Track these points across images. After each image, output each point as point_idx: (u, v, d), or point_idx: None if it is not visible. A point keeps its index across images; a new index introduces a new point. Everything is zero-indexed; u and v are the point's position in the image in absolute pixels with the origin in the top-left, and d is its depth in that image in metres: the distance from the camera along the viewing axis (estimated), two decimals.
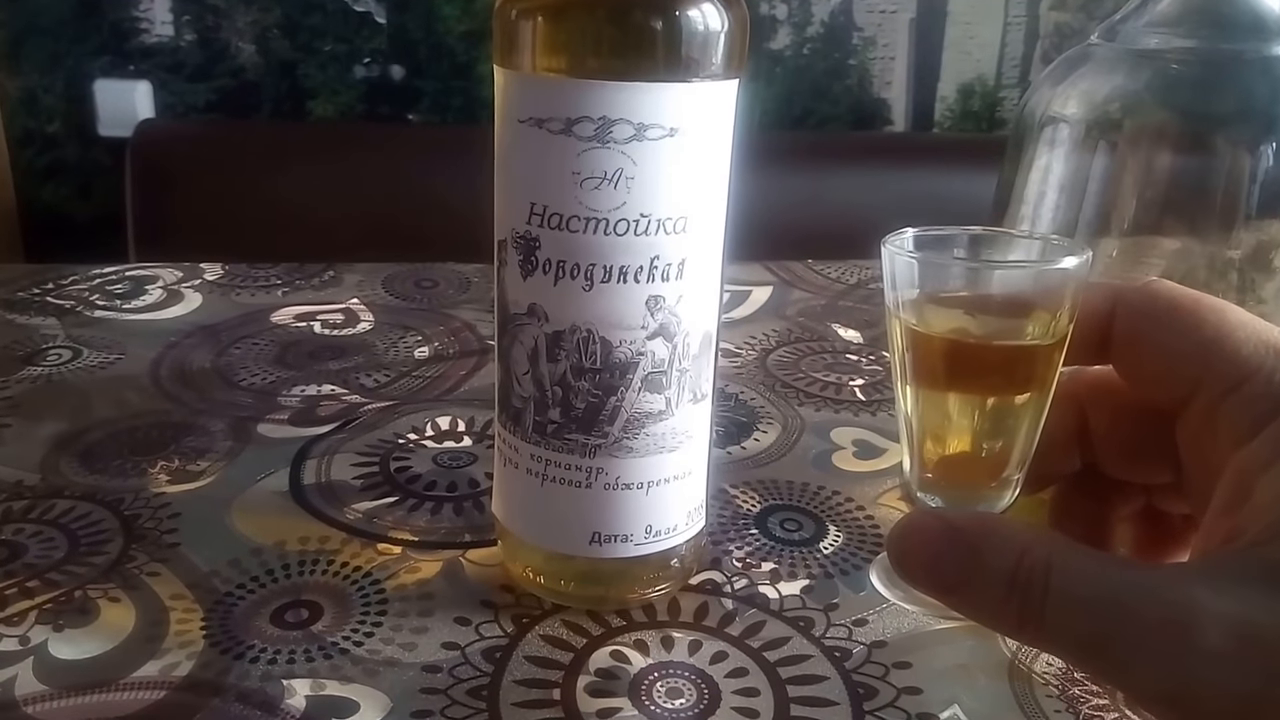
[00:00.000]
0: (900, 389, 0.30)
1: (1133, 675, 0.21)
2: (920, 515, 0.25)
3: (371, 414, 0.48)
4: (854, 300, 0.67)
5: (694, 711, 0.31)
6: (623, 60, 0.29)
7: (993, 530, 0.23)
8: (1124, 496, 0.30)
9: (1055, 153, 0.39)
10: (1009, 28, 1.66)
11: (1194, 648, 0.20)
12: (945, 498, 0.30)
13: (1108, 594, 0.21)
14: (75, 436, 0.45)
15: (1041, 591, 0.22)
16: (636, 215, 0.30)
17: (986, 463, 0.29)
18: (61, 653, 0.32)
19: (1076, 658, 0.23)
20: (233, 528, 0.39)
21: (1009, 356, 0.28)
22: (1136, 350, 0.27)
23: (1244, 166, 0.36)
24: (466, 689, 0.31)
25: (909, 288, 0.28)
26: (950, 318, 0.28)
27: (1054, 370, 0.28)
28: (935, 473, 0.30)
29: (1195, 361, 0.25)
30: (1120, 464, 0.29)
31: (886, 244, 0.28)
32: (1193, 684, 0.20)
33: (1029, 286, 0.28)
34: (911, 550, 0.24)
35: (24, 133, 1.52)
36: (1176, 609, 0.21)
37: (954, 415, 0.29)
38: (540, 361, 0.32)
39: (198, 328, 0.58)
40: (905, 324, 0.28)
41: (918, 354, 0.29)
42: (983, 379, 0.29)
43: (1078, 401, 0.29)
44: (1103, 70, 0.38)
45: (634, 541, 0.33)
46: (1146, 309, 0.26)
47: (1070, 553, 0.22)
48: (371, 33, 1.52)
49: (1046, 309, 0.27)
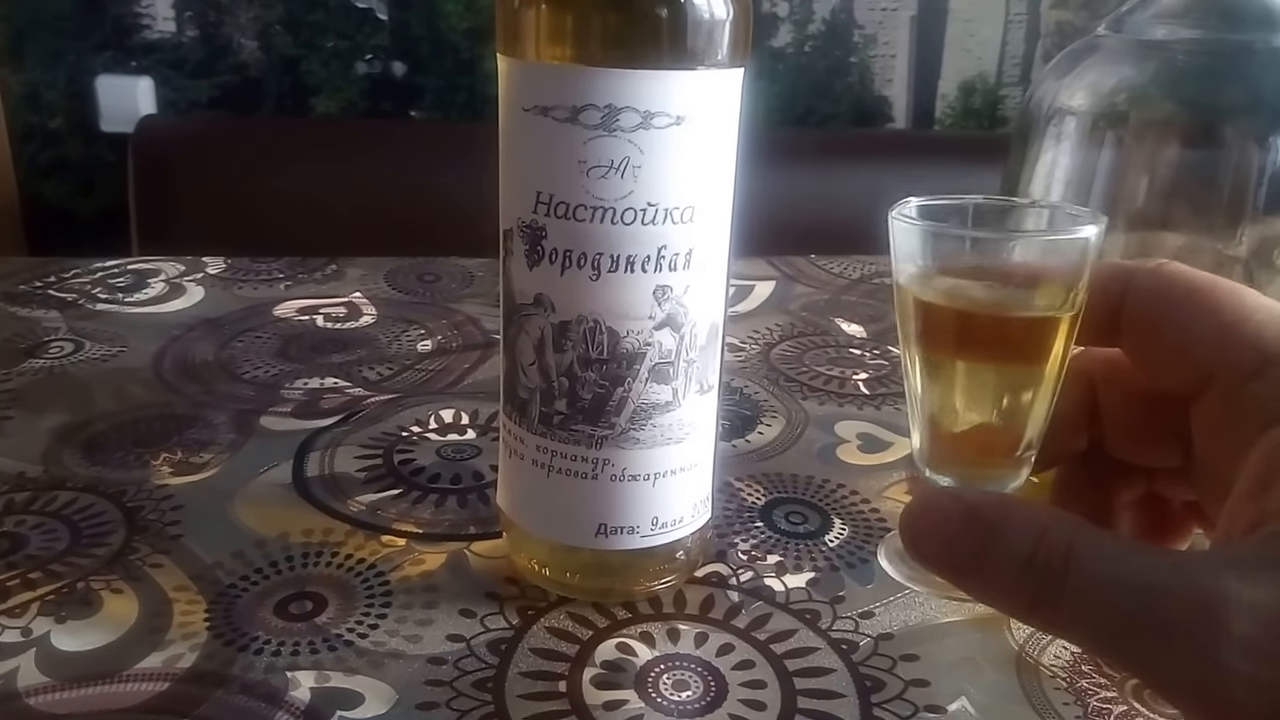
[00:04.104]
0: (909, 364, 0.29)
1: (1158, 663, 0.21)
2: (935, 494, 0.25)
3: (375, 407, 0.48)
4: (857, 295, 0.66)
5: (701, 704, 0.31)
6: (629, 47, 0.29)
7: (1011, 510, 0.23)
8: (1127, 481, 0.29)
9: (1061, 146, 0.39)
10: (1010, 25, 1.66)
11: (1223, 636, 0.20)
12: (956, 476, 0.29)
13: (1133, 580, 0.21)
14: (78, 428, 0.45)
15: (1061, 575, 0.21)
16: (643, 204, 0.30)
17: (999, 439, 0.28)
18: (64, 644, 0.32)
19: (1096, 644, 0.22)
20: (236, 520, 0.39)
21: (1026, 328, 0.28)
22: (1149, 333, 0.26)
23: (1252, 159, 0.35)
24: (472, 681, 0.31)
25: (917, 259, 0.27)
26: (962, 289, 0.27)
27: (1069, 343, 0.27)
28: (946, 450, 0.29)
29: (1213, 346, 0.24)
30: (1129, 445, 0.29)
31: (894, 214, 0.27)
32: (1221, 673, 0.20)
33: (1048, 256, 0.27)
34: (926, 530, 0.24)
35: (26, 128, 1.52)
36: (1205, 596, 0.20)
37: (967, 390, 0.28)
38: (546, 352, 0.31)
39: (200, 321, 0.58)
40: (914, 296, 0.28)
41: (928, 327, 0.28)
42: (997, 352, 0.28)
43: (1089, 379, 0.29)
44: (1110, 61, 0.38)
45: (640, 533, 0.33)
46: (1161, 292, 0.26)
47: (1093, 536, 0.22)
48: (374, 29, 1.52)
49: (1064, 279, 0.27)
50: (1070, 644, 0.33)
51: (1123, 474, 0.29)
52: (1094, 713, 0.31)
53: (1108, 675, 0.32)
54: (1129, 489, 0.30)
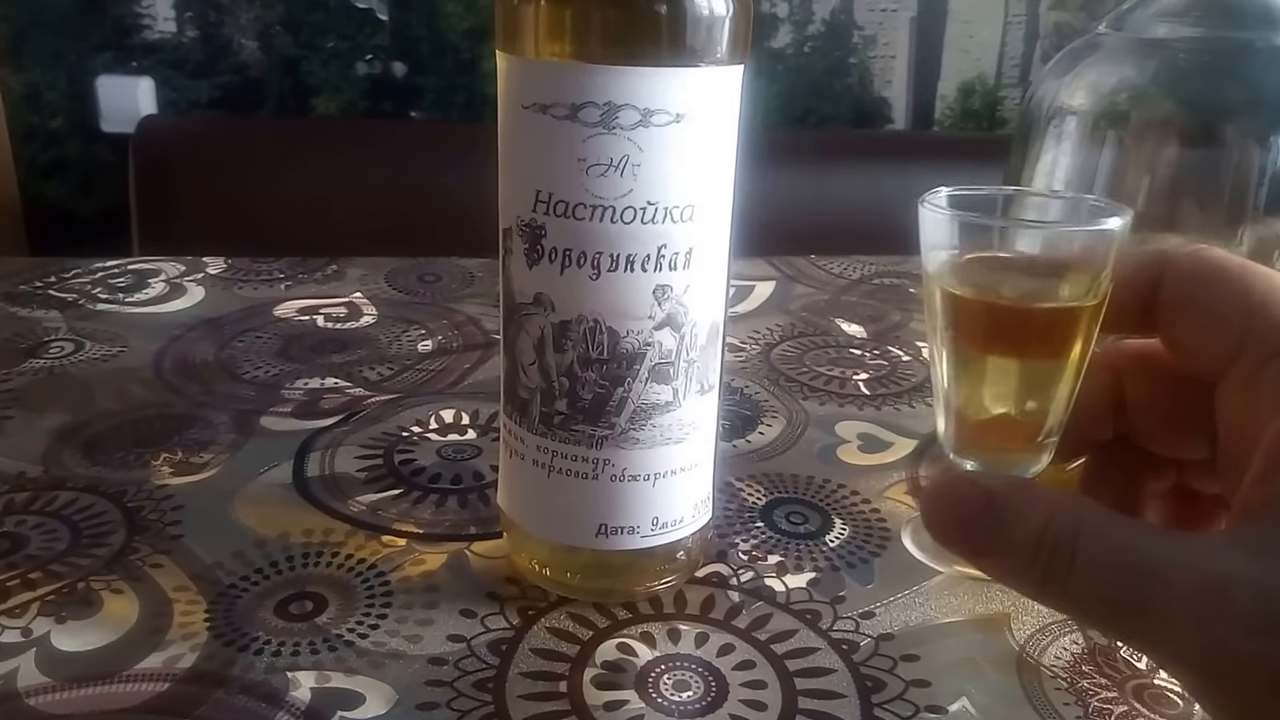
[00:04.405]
0: (935, 352, 0.29)
1: (1163, 641, 0.21)
2: (954, 477, 0.25)
3: (375, 407, 0.48)
4: (857, 295, 0.66)
5: (702, 704, 0.30)
6: (629, 44, 0.29)
7: (1024, 494, 0.23)
8: (1156, 472, 0.29)
9: (1062, 146, 0.39)
10: (1009, 27, 1.66)
11: (1227, 615, 0.20)
12: (980, 460, 0.30)
13: (1139, 559, 0.21)
14: (78, 428, 0.45)
15: (1069, 555, 0.22)
16: (643, 203, 0.29)
17: (1023, 425, 0.29)
18: (64, 644, 0.32)
19: (1103, 622, 0.23)
20: (236, 520, 0.39)
21: (1051, 318, 0.28)
22: (1183, 313, 0.26)
23: (1253, 159, 0.35)
24: (472, 681, 0.31)
25: (946, 248, 0.28)
26: (988, 279, 0.28)
27: (1094, 332, 0.28)
28: (971, 436, 0.30)
29: (1239, 325, 0.25)
30: (1156, 436, 0.29)
31: (923, 202, 0.28)
32: (1225, 651, 0.20)
33: (1074, 247, 0.28)
34: (945, 512, 0.24)
35: (27, 128, 1.52)
36: (1209, 576, 0.20)
37: (991, 378, 0.29)
38: (547, 352, 0.31)
39: (201, 321, 0.58)
40: (941, 285, 0.28)
41: (954, 316, 0.28)
42: (1022, 341, 0.28)
43: (1115, 372, 0.29)
44: (1110, 60, 0.38)
45: (640, 534, 0.33)
46: (1196, 273, 0.26)
47: (1100, 517, 0.22)
48: (374, 30, 1.52)
49: (1089, 270, 0.27)
50: (1080, 623, 0.33)
51: (1151, 465, 0.29)
52: (1095, 713, 0.31)
53: (1108, 675, 0.32)
54: (1158, 480, 0.30)
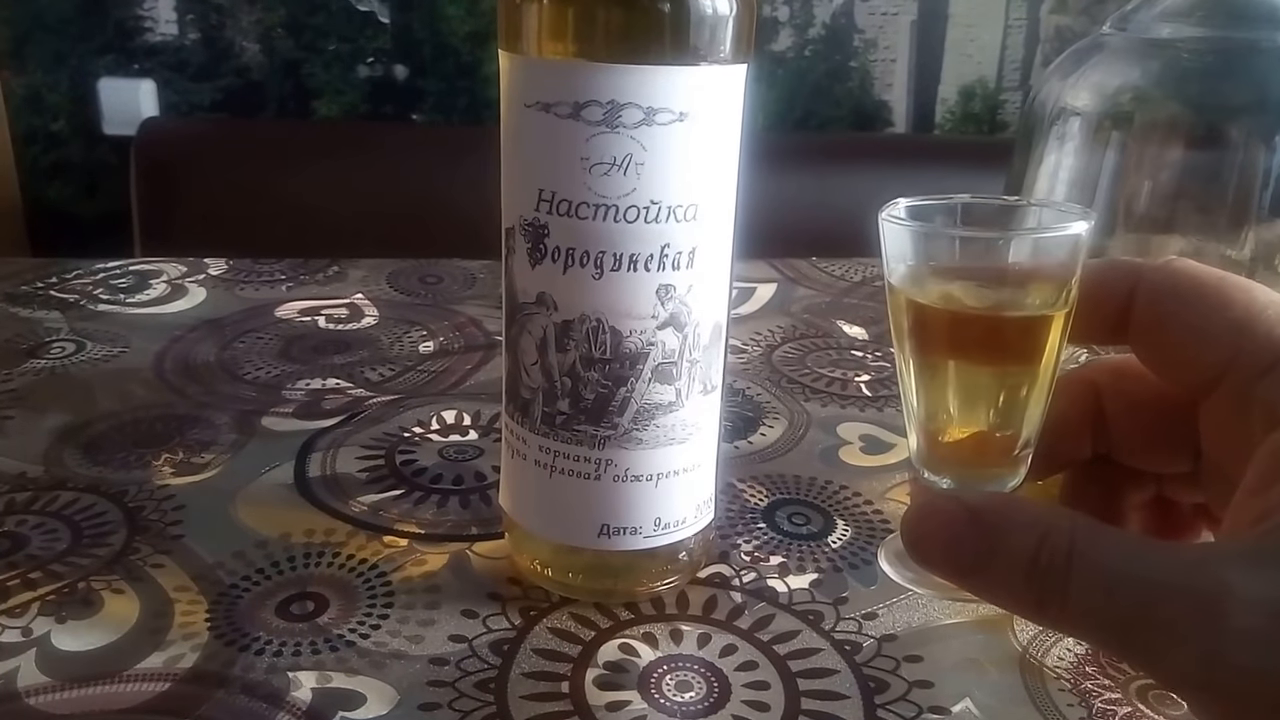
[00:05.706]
0: (903, 366, 0.29)
1: (1163, 658, 0.21)
2: (936, 498, 0.25)
3: (377, 408, 0.48)
4: (859, 297, 0.66)
5: (704, 705, 0.30)
6: (632, 42, 0.29)
7: (1013, 511, 0.23)
8: (1136, 485, 0.29)
9: (1065, 147, 0.39)
10: (1009, 31, 1.66)
11: (1226, 629, 0.20)
12: (954, 476, 0.29)
13: (1135, 575, 0.21)
14: (79, 429, 0.45)
15: (1065, 573, 0.21)
16: (646, 202, 0.29)
17: (995, 439, 0.28)
18: (64, 644, 0.32)
19: (1102, 640, 0.22)
20: (237, 520, 0.38)
21: (1019, 327, 0.27)
22: (1160, 331, 0.26)
23: (1257, 160, 0.35)
24: (474, 681, 0.31)
25: (908, 259, 0.27)
26: (953, 289, 0.27)
27: (1063, 340, 0.27)
28: (943, 451, 0.29)
29: (1225, 343, 0.24)
30: (1137, 452, 0.29)
31: (883, 215, 0.27)
32: (1225, 666, 0.20)
33: (1039, 254, 0.27)
34: (929, 534, 0.24)
35: (29, 131, 1.52)
36: (1206, 590, 0.20)
37: (962, 391, 0.28)
38: (549, 351, 0.31)
39: (202, 322, 0.58)
40: (907, 297, 0.27)
41: (921, 328, 0.28)
42: (991, 351, 0.28)
43: (1094, 388, 0.28)
44: (1114, 61, 0.38)
45: (643, 534, 0.33)
46: (1171, 289, 0.25)
47: (1095, 533, 0.22)
48: (375, 32, 1.52)
49: (1056, 277, 0.26)
50: (1078, 640, 0.33)
51: (1132, 478, 0.29)
52: (1098, 714, 0.30)
53: (1112, 676, 0.32)
54: (1138, 492, 0.29)
